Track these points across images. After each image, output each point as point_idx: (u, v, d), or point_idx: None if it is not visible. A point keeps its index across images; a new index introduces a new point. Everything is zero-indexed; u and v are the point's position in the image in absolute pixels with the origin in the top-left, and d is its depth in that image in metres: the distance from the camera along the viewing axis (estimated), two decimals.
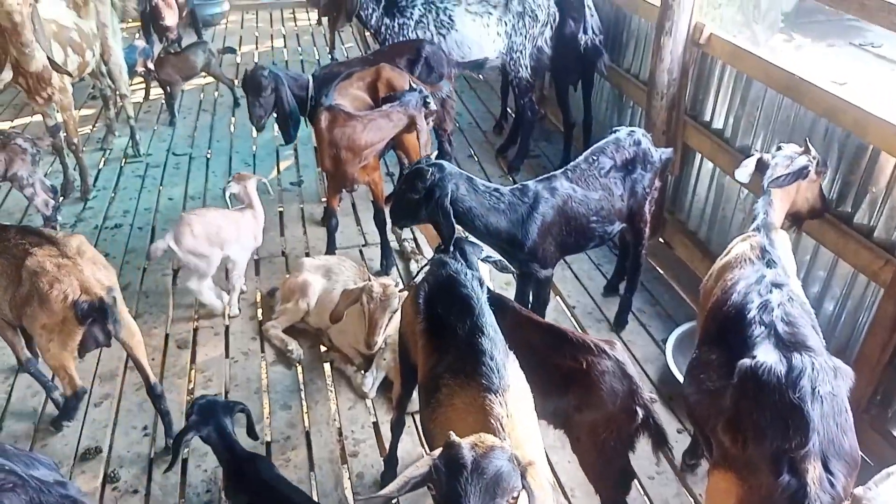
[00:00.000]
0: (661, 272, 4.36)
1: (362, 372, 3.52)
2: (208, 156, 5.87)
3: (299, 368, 3.66)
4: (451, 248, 2.83)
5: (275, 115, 4.32)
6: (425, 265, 2.70)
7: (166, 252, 3.68)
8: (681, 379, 3.09)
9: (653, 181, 3.39)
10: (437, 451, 1.64)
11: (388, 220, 4.18)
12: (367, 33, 7.31)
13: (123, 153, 5.82)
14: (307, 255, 4.50)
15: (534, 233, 3.13)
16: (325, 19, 8.51)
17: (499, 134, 6.19)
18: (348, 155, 3.60)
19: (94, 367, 3.58)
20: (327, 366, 3.68)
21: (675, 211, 4.51)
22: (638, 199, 3.35)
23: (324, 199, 5.11)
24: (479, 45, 5.03)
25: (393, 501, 2.23)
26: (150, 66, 6.41)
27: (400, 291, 3.12)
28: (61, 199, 4.93)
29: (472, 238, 2.97)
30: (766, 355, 2.05)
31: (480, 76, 5.25)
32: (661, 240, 4.55)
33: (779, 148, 2.78)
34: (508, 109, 6.25)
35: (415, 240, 4.56)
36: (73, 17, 5.02)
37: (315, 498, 2.88)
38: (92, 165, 5.53)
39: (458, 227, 2.94)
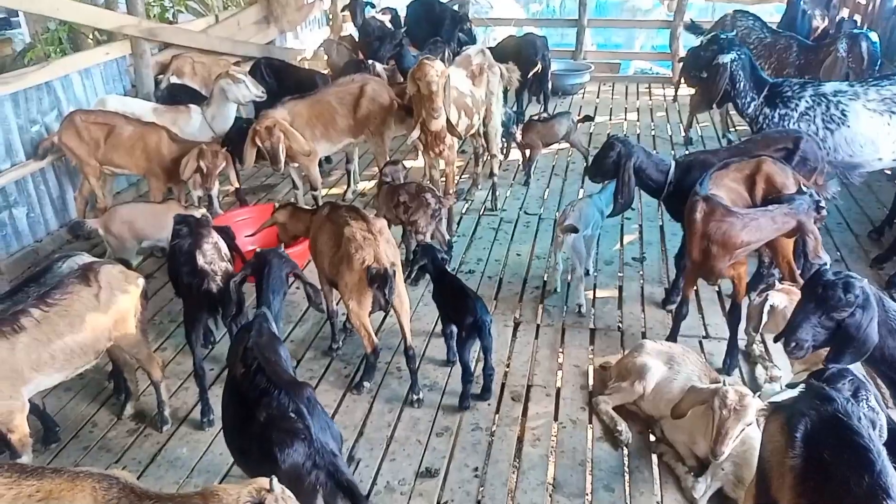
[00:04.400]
0: None
1: (693, 475, 3.34)
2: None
3: (625, 451, 3.61)
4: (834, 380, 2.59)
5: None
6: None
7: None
8: None
9: None
10: None
11: (744, 320, 3.96)
12: (729, 118, 7.13)
13: (482, 205, 6.44)
14: (643, 335, 4.46)
15: None
16: (688, 96, 8.52)
17: (875, 240, 5.47)
18: (721, 251, 3.48)
19: (438, 399, 3.97)
20: (654, 457, 3.58)
21: None
22: None
23: (664, 281, 5.04)
24: (873, 145, 4.56)
25: None
26: (514, 130, 7.00)
27: (760, 410, 2.87)
28: None
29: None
30: None
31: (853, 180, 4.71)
32: None
33: None
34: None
35: (763, 343, 4.23)
36: (469, 85, 5.75)
37: None
38: (455, 213, 6.20)
39: None
